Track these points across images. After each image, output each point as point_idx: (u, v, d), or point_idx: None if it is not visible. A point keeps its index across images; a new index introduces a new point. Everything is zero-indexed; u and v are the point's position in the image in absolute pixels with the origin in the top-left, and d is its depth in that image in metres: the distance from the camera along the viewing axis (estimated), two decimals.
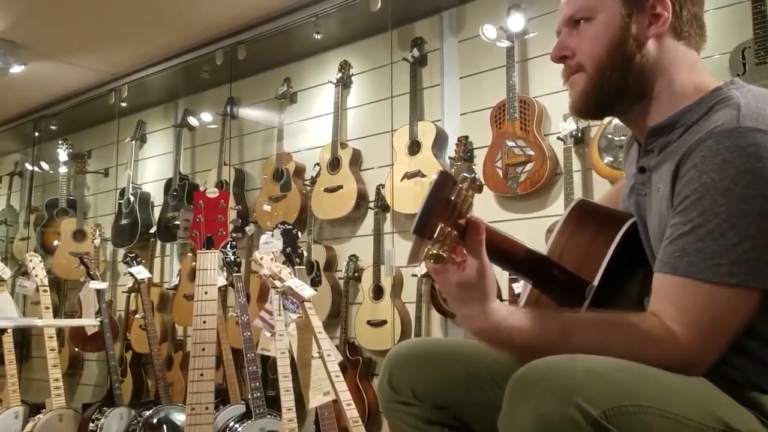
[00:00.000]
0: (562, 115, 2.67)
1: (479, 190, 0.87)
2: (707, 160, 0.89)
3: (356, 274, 3.29)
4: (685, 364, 0.87)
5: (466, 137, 2.98)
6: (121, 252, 4.08)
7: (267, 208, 3.60)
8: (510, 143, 2.77)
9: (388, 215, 3.26)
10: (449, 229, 0.84)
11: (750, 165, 0.86)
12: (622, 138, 2.47)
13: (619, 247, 1.01)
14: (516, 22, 2.81)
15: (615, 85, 1.02)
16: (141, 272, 3.21)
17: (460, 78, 3.11)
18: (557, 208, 2.70)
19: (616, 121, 2.51)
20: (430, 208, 0.86)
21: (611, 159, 2.51)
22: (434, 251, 0.84)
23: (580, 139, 2.64)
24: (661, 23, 1.01)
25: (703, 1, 1.06)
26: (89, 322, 3.19)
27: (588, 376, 0.79)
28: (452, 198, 0.86)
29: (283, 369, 2.15)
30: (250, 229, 3.65)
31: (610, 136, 2.52)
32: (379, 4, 2.99)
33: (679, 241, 0.90)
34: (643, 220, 1.04)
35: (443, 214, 0.86)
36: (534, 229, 2.69)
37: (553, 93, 2.79)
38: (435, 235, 0.84)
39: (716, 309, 0.87)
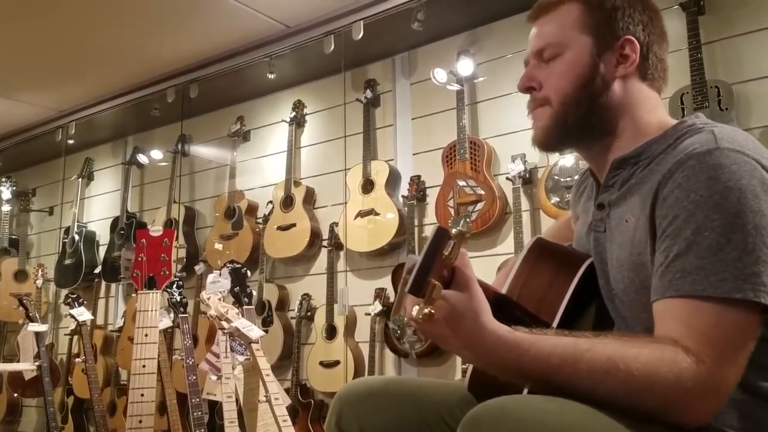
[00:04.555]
0: (510, 156, 2.72)
1: (466, 242, 0.86)
2: (691, 179, 0.88)
3: (309, 313, 3.24)
4: (705, 381, 0.81)
5: (419, 176, 3.02)
6: (65, 293, 3.94)
7: (218, 246, 3.54)
8: (461, 183, 2.80)
9: (342, 253, 3.24)
10: (438, 284, 0.83)
11: (735, 182, 0.86)
12: (568, 179, 2.54)
13: (577, 288, 1.01)
14: (465, 66, 2.89)
15: (579, 122, 1.03)
16: (82, 314, 3.08)
17: (413, 119, 3.16)
18: (507, 247, 2.73)
19: (562, 162, 2.58)
20: (427, 267, 0.83)
21: (558, 199, 2.56)
22: (427, 310, 0.82)
23: (528, 180, 2.70)
24: (629, 64, 1.02)
25: (668, 46, 1.08)
26: (25, 367, 3.03)
27: (539, 419, 0.78)
28: (446, 254, 0.84)
29: (230, 414, 2.07)
30: (200, 268, 3.58)
31: (556, 177, 2.58)
32: (333, 46, 3.03)
33: (677, 263, 0.87)
34: (601, 256, 1.04)
35: (438, 271, 0.84)
36: (485, 267, 2.71)
37: (501, 135, 2.86)
38: (428, 293, 0.82)
39: (726, 326, 0.83)
